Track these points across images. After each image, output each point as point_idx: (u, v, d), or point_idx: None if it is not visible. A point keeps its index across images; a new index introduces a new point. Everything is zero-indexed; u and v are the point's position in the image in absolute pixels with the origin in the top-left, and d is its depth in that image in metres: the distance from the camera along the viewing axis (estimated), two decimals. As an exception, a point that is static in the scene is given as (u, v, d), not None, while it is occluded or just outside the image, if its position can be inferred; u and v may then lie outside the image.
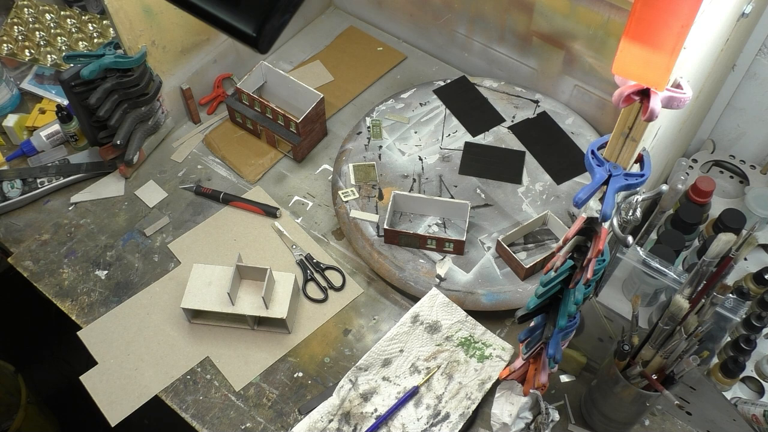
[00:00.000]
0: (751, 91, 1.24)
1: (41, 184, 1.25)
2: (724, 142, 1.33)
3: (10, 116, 1.33)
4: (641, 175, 0.66)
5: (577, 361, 1.03)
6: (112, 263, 1.18)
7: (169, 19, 1.21)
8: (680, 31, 0.52)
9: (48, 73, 1.42)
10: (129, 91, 1.18)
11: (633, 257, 0.96)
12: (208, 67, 1.37)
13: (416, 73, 1.46)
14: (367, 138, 1.28)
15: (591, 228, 0.70)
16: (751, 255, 1.18)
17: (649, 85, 0.56)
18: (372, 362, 1.04)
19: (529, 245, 1.14)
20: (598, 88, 1.25)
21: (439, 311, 1.08)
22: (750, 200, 1.18)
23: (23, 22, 1.44)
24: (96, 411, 1.03)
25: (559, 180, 1.22)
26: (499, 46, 1.35)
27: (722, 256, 0.78)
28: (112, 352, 1.07)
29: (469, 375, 1.03)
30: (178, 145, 1.34)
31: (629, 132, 0.64)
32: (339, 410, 1.00)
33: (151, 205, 1.25)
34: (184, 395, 1.04)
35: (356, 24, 1.55)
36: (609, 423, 0.96)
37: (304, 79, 1.38)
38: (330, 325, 1.11)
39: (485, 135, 1.29)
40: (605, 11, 1.11)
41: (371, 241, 1.14)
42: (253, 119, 1.30)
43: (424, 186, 1.22)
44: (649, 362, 0.84)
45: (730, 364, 1.01)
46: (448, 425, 0.98)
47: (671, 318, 0.79)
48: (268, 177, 1.30)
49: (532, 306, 0.80)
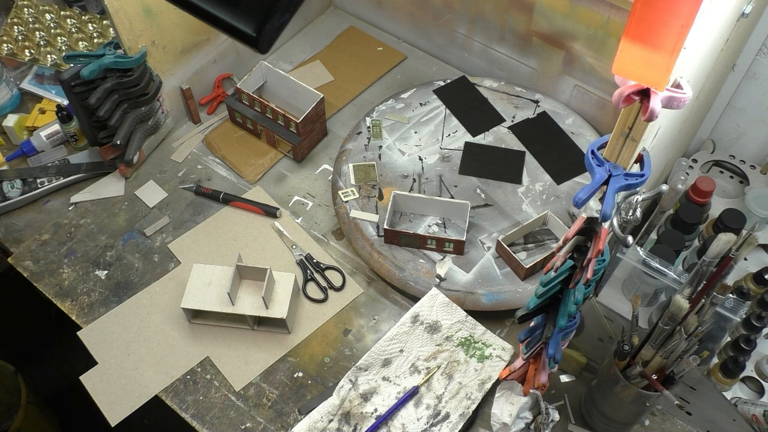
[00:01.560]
0: (751, 91, 1.24)
1: (41, 184, 1.25)
2: (724, 142, 1.33)
3: (10, 116, 1.33)
4: (641, 175, 0.66)
5: (577, 361, 1.03)
6: (112, 263, 1.18)
7: (169, 19, 1.21)
8: (680, 31, 0.52)
9: (48, 73, 1.42)
10: (129, 91, 1.18)
11: (633, 257, 0.96)
12: (208, 67, 1.37)
13: (416, 73, 1.46)
14: (367, 138, 1.28)
15: (591, 228, 0.70)
16: (751, 255, 1.18)
17: (649, 85, 0.56)
18: (372, 362, 1.04)
19: (529, 245, 1.14)
20: (598, 88, 1.25)
21: (439, 311, 1.08)
22: (750, 200, 1.18)
23: (23, 22, 1.44)
24: (96, 411, 1.03)
25: (559, 180, 1.22)
26: (499, 46, 1.35)
27: (722, 256, 0.78)
28: (112, 352, 1.08)
29: (469, 375, 1.03)
30: (178, 145, 1.34)
31: (629, 132, 0.64)
32: (339, 410, 1.00)
33: (151, 205, 1.25)
34: (184, 395, 1.04)
35: (356, 24, 1.55)
36: (609, 423, 0.96)
37: (304, 79, 1.38)
38: (330, 325, 1.11)
39: (485, 135, 1.29)
40: (605, 11, 1.11)
41: (371, 241, 1.14)
42: (253, 119, 1.30)
43: (424, 186, 1.22)
44: (649, 362, 0.84)
45: (730, 364, 1.01)
46: (448, 425, 0.98)
47: (671, 318, 0.79)
48: (268, 177, 1.30)
49: (532, 306, 0.80)
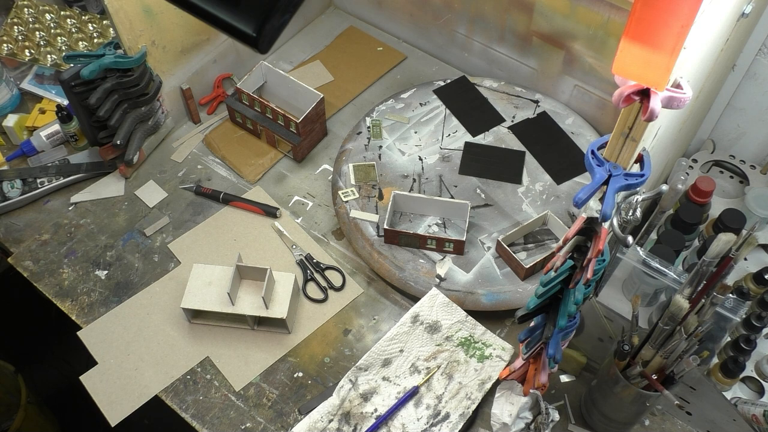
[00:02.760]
0: (751, 91, 1.24)
1: (41, 184, 1.25)
2: (724, 142, 1.33)
3: (10, 116, 1.33)
4: (641, 175, 0.66)
5: (577, 361, 1.03)
6: (112, 263, 1.18)
7: (169, 19, 1.21)
8: (680, 31, 0.52)
9: (48, 73, 1.42)
10: (129, 91, 1.18)
11: (633, 257, 0.96)
12: (208, 67, 1.37)
13: (416, 73, 1.46)
14: (367, 138, 1.28)
15: (591, 228, 0.70)
16: (751, 255, 1.18)
17: (649, 85, 0.56)
18: (372, 362, 1.04)
19: (529, 245, 1.14)
20: (598, 88, 1.25)
21: (439, 311, 1.08)
22: (750, 200, 1.18)
23: (23, 22, 1.44)
24: (96, 411, 1.03)
25: (559, 180, 1.22)
26: (499, 46, 1.35)
27: (722, 256, 0.78)
28: (112, 352, 1.07)
29: (469, 375, 1.03)
30: (178, 145, 1.34)
31: (629, 132, 0.64)
32: (339, 410, 1.00)
33: (151, 205, 1.25)
34: (184, 395, 1.04)
35: (356, 24, 1.55)
36: (609, 423, 0.96)
37: (304, 79, 1.38)
38: (330, 325, 1.11)
39: (485, 135, 1.29)
40: (605, 11, 1.11)
41: (371, 241, 1.14)
42: (253, 119, 1.30)
43: (424, 186, 1.22)
44: (649, 362, 0.84)
45: (730, 364, 1.01)
46: (448, 425, 0.98)
47: (671, 318, 0.79)
48: (268, 177, 1.30)
49: (532, 306, 0.80)
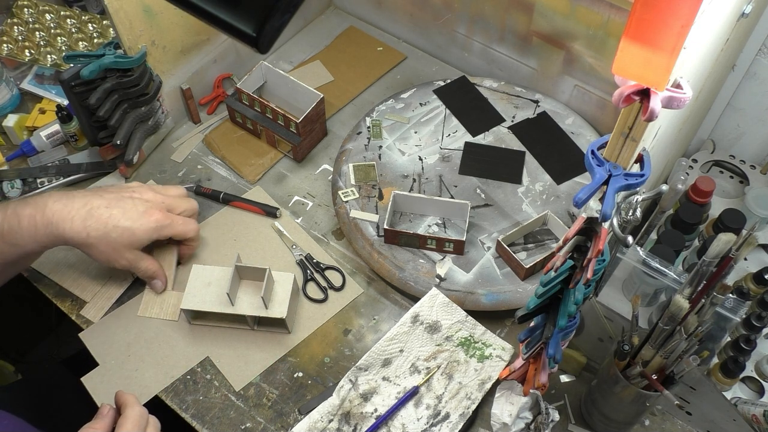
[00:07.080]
0: (751, 91, 1.24)
1: (41, 184, 1.25)
2: (724, 142, 1.33)
3: (10, 116, 1.33)
4: (641, 175, 0.66)
5: (577, 361, 1.03)
6: (112, 263, 1.18)
7: (169, 19, 1.21)
8: (680, 31, 0.52)
9: (48, 73, 1.42)
10: (129, 91, 1.18)
11: (633, 257, 0.96)
12: (208, 67, 1.37)
13: (416, 73, 1.46)
14: (367, 138, 1.28)
15: (591, 228, 0.70)
16: (751, 255, 1.18)
17: (649, 85, 0.56)
18: (372, 362, 1.04)
19: (529, 245, 1.14)
20: (598, 88, 1.25)
21: (439, 311, 1.08)
22: (750, 200, 1.18)
23: (23, 22, 1.44)
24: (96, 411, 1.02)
25: (559, 180, 1.22)
26: (499, 46, 1.35)
27: (722, 256, 0.78)
28: (113, 353, 1.07)
29: (469, 375, 1.03)
30: (178, 145, 1.34)
31: (629, 132, 0.64)
32: (339, 410, 1.00)
33: (151, 205, 1.25)
34: (184, 395, 1.04)
35: (356, 24, 1.55)
36: (609, 423, 0.96)
37: (304, 79, 1.37)
38: (330, 325, 1.11)
39: (485, 135, 1.29)
40: (605, 11, 1.11)
41: (371, 241, 1.14)
42: (253, 119, 1.30)
43: (424, 186, 1.22)
44: (649, 362, 0.84)
45: (730, 364, 1.01)
46: (448, 425, 0.98)
47: (671, 318, 0.79)
48: (268, 177, 1.30)
49: (532, 306, 0.80)
